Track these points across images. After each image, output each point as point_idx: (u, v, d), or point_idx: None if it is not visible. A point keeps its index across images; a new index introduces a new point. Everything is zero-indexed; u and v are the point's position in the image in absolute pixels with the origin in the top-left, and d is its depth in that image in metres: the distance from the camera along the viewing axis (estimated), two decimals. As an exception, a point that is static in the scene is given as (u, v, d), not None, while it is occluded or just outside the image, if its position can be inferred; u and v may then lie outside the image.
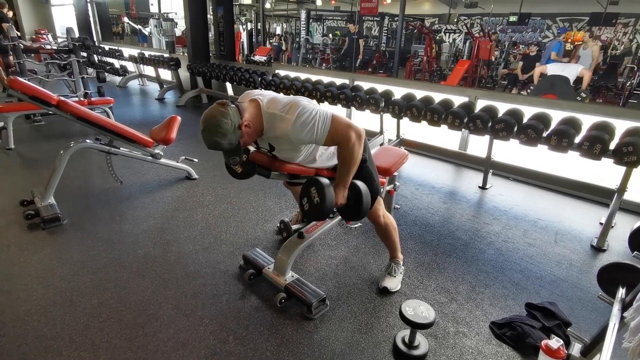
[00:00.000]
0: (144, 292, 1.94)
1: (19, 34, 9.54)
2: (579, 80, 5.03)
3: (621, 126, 2.73)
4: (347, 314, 1.85)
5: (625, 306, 1.25)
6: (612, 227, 2.67)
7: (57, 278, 2.01)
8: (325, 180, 1.56)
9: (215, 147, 1.46)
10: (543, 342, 1.40)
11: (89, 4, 10.47)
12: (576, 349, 1.53)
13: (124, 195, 3.03)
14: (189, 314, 1.80)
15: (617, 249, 2.54)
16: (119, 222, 2.62)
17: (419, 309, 1.59)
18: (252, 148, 1.77)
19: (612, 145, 2.54)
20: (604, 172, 3.05)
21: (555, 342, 1.36)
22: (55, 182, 2.66)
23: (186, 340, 1.65)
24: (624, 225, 2.85)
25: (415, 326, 1.55)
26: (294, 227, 2.44)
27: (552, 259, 2.40)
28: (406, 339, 1.66)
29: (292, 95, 1.62)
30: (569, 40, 6.98)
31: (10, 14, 8.56)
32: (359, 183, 1.65)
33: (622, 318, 1.20)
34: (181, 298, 1.91)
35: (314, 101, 1.63)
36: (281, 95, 1.60)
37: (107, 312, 1.79)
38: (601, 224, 2.74)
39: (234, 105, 1.46)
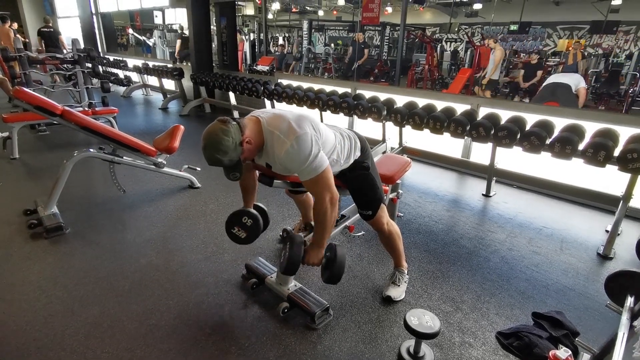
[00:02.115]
0: (145, 301, 1.93)
1: (27, 40, 9.72)
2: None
3: (625, 133, 2.72)
4: (351, 324, 1.83)
5: (634, 315, 1.23)
6: (619, 234, 2.64)
7: (59, 287, 2.00)
8: (299, 238, 1.67)
9: (216, 164, 1.47)
10: (551, 353, 1.37)
11: (94, 16, 10.63)
12: (585, 359, 1.50)
13: (127, 204, 3.03)
14: (191, 324, 1.78)
15: (624, 256, 2.51)
16: (121, 231, 2.62)
17: (423, 319, 1.57)
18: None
19: (616, 152, 2.53)
20: (610, 180, 3.02)
21: (563, 353, 1.33)
22: (59, 191, 2.66)
23: (188, 351, 1.63)
24: (630, 232, 2.82)
25: (420, 336, 1.53)
26: (297, 235, 2.43)
27: (558, 267, 2.37)
28: (411, 350, 1.63)
29: (299, 114, 1.59)
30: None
31: (15, 25, 8.72)
32: (339, 248, 1.69)
33: (631, 327, 1.18)
34: (183, 308, 1.89)
35: (321, 125, 1.61)
36: (288, 112, 1.59)
37: (108, 322, 1.77)
38: (607, 231, 2.71)
39: (234, 123, 1.46)
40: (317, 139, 1.53)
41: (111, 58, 8.65)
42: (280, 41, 14.00)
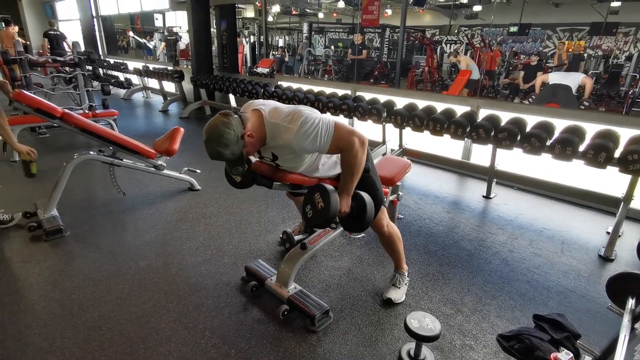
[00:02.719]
0: (145, 304, 1.92)
1: (27, 43, 9.78)
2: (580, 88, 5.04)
3: (625, 134, 2.71)
4: (351, 327, 1.82)
5: (635, 317, 1.22)
6: (620, 236, 2.63)
7: (59, 290, 2.00)
8: (329, 186, 1.56)
9: (218, 158, 1.45)
10: (552, 355, 1.36)
11: (94, 19, 10.66)
12: (586, 362, 1.49)
13: (127, 206, 3.03)
14: (191, 327, 1.78)
15: (626, 258, 2.50)
16: (121, 233, 2.61)
17: (424, 321, 1.56)
18: (254, 158, 1.76)
19: (617, 154, 2.53)
20: (610, 181, 3.02)
21: (564, 355, 1.33)
22: (59, 193, 2.66)
23: (187, 354, 1.62)
24: (631, 234, 2.81)
25: (420, 339, 1.52)
26: (297, 237, 2.41)
27: (559, 269, 2.36)
28: (412, 352, 1.62)
29: (293, 105, 1.63)
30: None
31: (16, 29, 8.78)
32: (363, 193, 1.64)
33: (632, 329, 1.17)
34: (183, 311, 1.88)
35: (316, 110, 1.63)
36: (283, 104, 1.61)
37: (107, 325, 1.77)
38: (608, 233, 2.70)
39: (236, 116, 1.46)
40: (314, 112, 1.55)
41: (112, 61, 8.67)
42: (281, 43, 14.04)
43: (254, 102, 1.64)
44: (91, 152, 2.80)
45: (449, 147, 4.00)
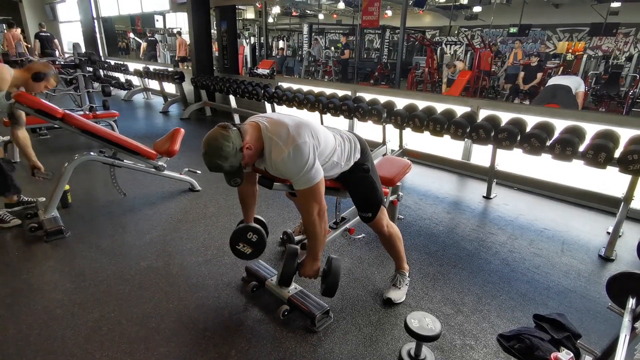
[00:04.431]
0: (145, 305, 1.92)
1: (29, 46, 9.87)
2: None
3: (625, 134, 2.71)
4: (351, 327, 1.82)
5: (636, 317, 1.22)
6: (620, 236, 2.63)
7: (59, 291, 2.00)
8: (292, 249, 1.73)
9: (216, 170, 1.47)
10: (553, 355, 1.36)
11: (95, 21, 10.69)
12: (587, 361, 1.49)
13: (127, 207, 3.03)
14: (191, 327, 1.78)
15: (626, 258, 2.50)
16: (121, 234, 2.62)
17: (424, 321, 1.56)
18: (249, 169, 1.77)
19: (616, 154, 2.53)
20: (610, 181, 3.02)
21: (565, 355, 1.32)
22: (59, 194, 2.67)
23: (188, 354, 1.63)
24: (632, 234, 2.81)
25: (421, 339, 1.52)
26: (297, 238, 2.42)
27: (559, 269, 2.36)
28: (412, 352, 1.62)
29: (298, 120, 1.59)
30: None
31: (19, 30, 8.88)
32: (334, 262, 1.72)
33: (633, 329, 1.17)
34: (183, 311, 1.89)
35: (320, 130, 1.61)
36: (287, 118, 1.59)
37: (108, 326, 1.77)
38: (608, 233, 2.70)
39: (235, 128, 1.47)
40: (315, 148, 1.53)
41: (112, 62, 8.69)
42: (281, 45, 14.05)
43: (255, 116, 1.64)
44: (92, 153, 2.81)
45: (449, 147, 4.00)
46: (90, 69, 5.46)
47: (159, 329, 1.76)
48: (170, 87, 7.59)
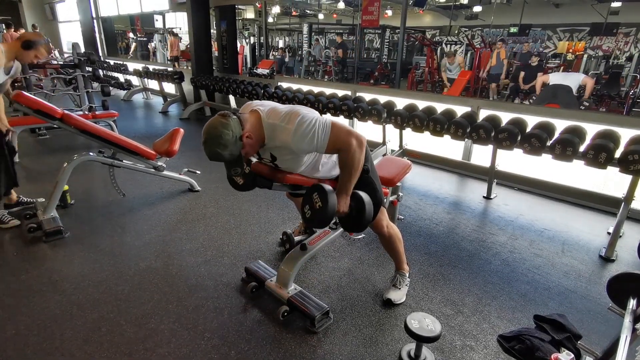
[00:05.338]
0: (144, 305, 1.91)
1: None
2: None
3: (626, 135, 2.71)
4: (351, 327, 1.82)
5: (636, 318, 1.22)
6: (621, 236, 2.63)
7: (58, 292, 1.99)
8: (327, 186, 1.55)
9: (216, 158, 1.46)
10: (553, 356, 1.35)
11: (94, 21, 10.68)
12: (587, 362, 1.48)
13: (127, 207, 3.03)
14: (190, 328, 1.77)
15: (627, 258, 2.49)
16: (121, 234, 2.61)
17: (424, 322, 1.55)
18: (254, 159, 1.76)
19: (617, 154, 2.52)
20: (610, 181, 3.01)
21: (565, 356, 1.32)
22: (58, 195, 2.66)
23: (187, 355, 1.62)
24: (632, 234, 2.80)
25: (421, 340, 1.52)
26: (297, 238, 2.42)
27: (560, 269, 2.36)
28: (412, 353, 1.62)
29: (291, 105, 1.63)
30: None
31: (20, 31, 8.85)
32: (362, 193, 1.64)
33: (634, 330, 1.17)
34: (182, 312, 1.88)
35: (314, 110, 1.62)
36: (281, 105, 1.61)
37: (107, 326, 1.76)
38: (609, 233, 2.69)
39: (235, 117, 1.46)
40: (311, 111, 1.55)
41: (111, 62, 8.68)
42: (281, 44, 14.04)
43: (253, 102, 1.64)
44: (91, 153, 2.80)
45: (449, 147, 3.99)
46: (90, 69, 5.44)
47: (158, 329, 1.76)
48: (169, 87, 7.59)
